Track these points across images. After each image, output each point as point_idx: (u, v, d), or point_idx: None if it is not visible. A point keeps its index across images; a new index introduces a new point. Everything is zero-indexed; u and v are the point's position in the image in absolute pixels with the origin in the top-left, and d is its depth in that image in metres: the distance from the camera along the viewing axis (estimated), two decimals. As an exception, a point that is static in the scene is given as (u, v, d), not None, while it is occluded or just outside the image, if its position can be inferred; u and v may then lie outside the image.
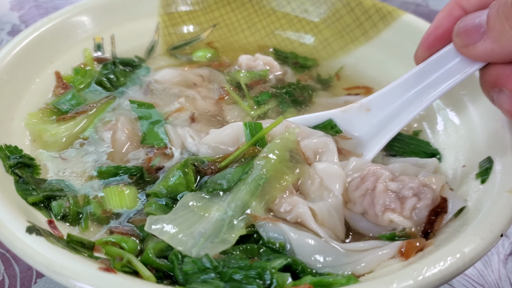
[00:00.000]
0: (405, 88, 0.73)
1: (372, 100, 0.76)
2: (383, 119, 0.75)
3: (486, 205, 0.62)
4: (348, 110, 0.78)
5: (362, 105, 0.77)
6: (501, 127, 0.73)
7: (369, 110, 0.76)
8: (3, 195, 0.60)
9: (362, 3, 1.04)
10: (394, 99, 0.74)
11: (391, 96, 0.74)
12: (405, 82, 0.73)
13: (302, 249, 0.61)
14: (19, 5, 1.42)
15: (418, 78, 0.71)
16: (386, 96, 0.75)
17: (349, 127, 0.78)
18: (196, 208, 0.63)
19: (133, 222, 0.68)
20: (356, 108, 0.77)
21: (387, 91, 0.75)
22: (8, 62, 0.80)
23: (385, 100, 0.75)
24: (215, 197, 0.65)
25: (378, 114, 0.75)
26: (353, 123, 0.77)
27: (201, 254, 0.57)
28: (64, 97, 0.86)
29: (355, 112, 0.77)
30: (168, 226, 0.61)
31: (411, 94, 0.72)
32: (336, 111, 0.78)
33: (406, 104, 0.73)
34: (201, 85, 0.94)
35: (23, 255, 0.52)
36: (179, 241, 0.59)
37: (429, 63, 0.69)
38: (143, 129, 0.83)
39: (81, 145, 0.80)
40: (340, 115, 0.78)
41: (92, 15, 0.98)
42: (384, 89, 0.75)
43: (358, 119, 0.77)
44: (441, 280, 0.51)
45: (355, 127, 0.78)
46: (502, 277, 0.80)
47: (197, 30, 1.11)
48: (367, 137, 0.77)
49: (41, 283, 0.74)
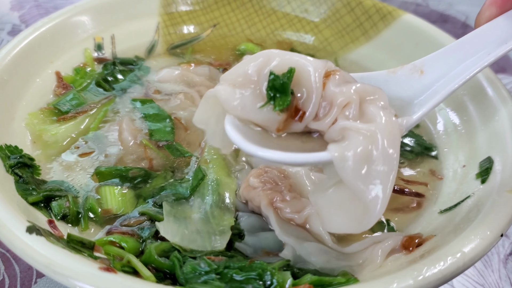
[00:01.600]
0: (468, 46, 0.66)
1: (427, 61, 0.67)
2: (437, 79, 0.66)
3: (486, 205, 0.62)
4: (397, 71, 0.68)
5: (415, 66, 0.68)
6: (501, 127, 0.73)
7: (423, 72, 0.67)
8: (3, 195, 0.60)
9: (362, 3, 1.04)
10: (452, 59, 0.66)
11: (450, 56, 0.66)
12: (467, 41, 0.66)
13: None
14: (19, 5, 1.41)
15: (483, 36, 0.65)
16: (445, 56, 0.67)
17: (396, 88, 0.67)
18: (177, 214, 0.67)
19: (132, 223, 0.68)
20: (408, 69, 0.68)
21: (446, 51, 0.67)
22: (8, 62, 0.80)
23: (444, 61, 0.66)
24: (183, 203, 0.70)
25: (432, 75, 0.66)
26: (401, 85, 0.67)
27: (215, 246, 0.61)
28: (65, 98, 0.87)
29: (405, 73, 0.68)
30: (171, 230, 0.64)
31: (474, 50, 0.65)
32: (382, 72, 0.69)
33: (468, 63, 0.65)
34: (201, 84, 0.94)
35: (23, 255, 0.52)
36: (189, 241, 0.63)
37: (496, 21, 0.65)
38: (149, 125, 0.83)
39: (78, 147, 0.80)
40: (386, 77, 0.68)
41: (92, 15, 0.98)
42: (441, 50, 0.67)
43: (408, 81, 0.67)
44: (441, 280, 0.51)
45: (403, 89, 0.67)
46: (502, 277, 0.80)
47: (197, 30, 1.11)
48: (413, 100, 0.66)
49: (41, 283, 0.74)
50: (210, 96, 0.59)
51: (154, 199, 0.71)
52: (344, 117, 0.54)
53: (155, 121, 0.84)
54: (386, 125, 0.53)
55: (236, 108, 0.56)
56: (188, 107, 0.88)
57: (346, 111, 0.55)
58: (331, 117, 0.55)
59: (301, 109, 0.56)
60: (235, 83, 0.57)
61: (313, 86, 0.55)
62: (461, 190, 0.72)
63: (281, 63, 0.55)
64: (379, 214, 0.52)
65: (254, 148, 0.54)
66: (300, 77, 0.55)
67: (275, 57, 0.56)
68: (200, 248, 0.63)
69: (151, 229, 0.66)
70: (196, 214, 0.68)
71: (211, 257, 0.58)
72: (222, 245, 0.63)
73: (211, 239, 0.64)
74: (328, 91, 0.55)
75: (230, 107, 0.56)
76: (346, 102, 0.55)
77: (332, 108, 0.55)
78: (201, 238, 0.64)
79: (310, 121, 0.56)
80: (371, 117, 0.54)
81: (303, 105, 0.56)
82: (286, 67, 0.54)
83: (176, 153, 0.79)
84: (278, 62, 0.55)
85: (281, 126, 0.56)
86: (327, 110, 0.55)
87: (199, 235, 0.64)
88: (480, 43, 0.65)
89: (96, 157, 0.78)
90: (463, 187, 0.72)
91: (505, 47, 0.63)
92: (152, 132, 0.82)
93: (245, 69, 0.57)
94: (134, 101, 0.89)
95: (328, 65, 0.57)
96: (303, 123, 0.56)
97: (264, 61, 0.56)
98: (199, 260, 0.56)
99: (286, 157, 0.54)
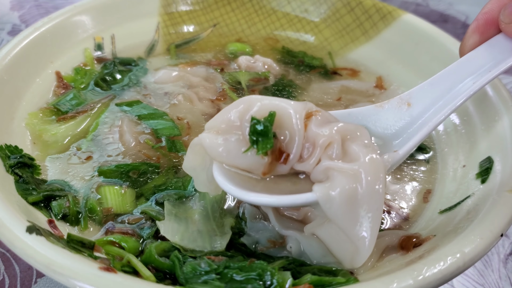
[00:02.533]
0: (453, 76, 0.66)
1: (414, 93, 0.67)
2: (425, 110, 0.66)
3: (486, 205, 0.62)
4: (384, 105, 0.68)
5: (401, 99, 0.68)
6: (501, 127, 0.73)
7: (410, 105, 0.67)
8: (3, 194, 0.60)
9: (362, 3, 1.04)
10: (438, 90, 0.66)
11: (436, 87, 0.66)
12: (452, 71, 0.67)
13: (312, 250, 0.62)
14: (19, 5, 1.41)
15: (467, 65, 0.66)
16: (431, 87, 0.67)
17: (385, 122, 0.67)
18: (178, 214, 0.67)
19: (131, 221, 0.68)
20: (395, 102, 0.68)
21: (432, 82, 0.67)
22: (8, 62, 0.80)
23: (431, 92, 0.66)
24: (185, 202, 0.70)
25: (420, 107, 0.66)
26: (389, 119, 0.67)
27: (215, 247, 0.61)
28: (65, 97, 0.87)
29: (393, 106, 0.68)
30: (172, 229, 0.64)
31: (459, 80, 0.66)
32: (370, 107, 0.69)
33: (454, 92, 0.65)
34: (199, 84, 0.94)
35: (23, 255, 0.52)
36: (189, 241, 0.63)
37: (479, 50, 0.66)
38: (150, 125, 0.83)
39: (78, 147, 0.80)
40: (374, 112, 0.68)
41: (93, 15, 0.98)
42: (427, 82, 0.68)
43: (396, 114, 0.67)
44: (441, 280, 0.51)
45: (391, 122, 0.67)
46: (502, 277, 0.80)
47: (197, 30, 1.11)
48: (401, 133, 0.66)
49: (41, 282, 0.74)
50: (195, 144, 0.61)
51: (156, 197, 0.71)
52: (328, 157, 0.56)
53: (153, 120, 0.84)
54: (370, 163, 0.55)
55: (221, 155, 0.58)
56: (188, 108, 0.88)
57: (329, 151, 0.56)
58: (314, 158, 0.56)
59: (285, 151, 0.57)
60: (218, 130, 0.59)
61: (295, 128, 0.56)
62: (461, 190, 0.72)
63: (262, 108, 0.57)
64: (368, 252, 0.55)
65: (242, 193, 0.56)
66: (282, 120, 0.57)
67: (256, 103, 0.58)
68: (200, 248, 0.63)
69: (151, 229, 0.66)
70: (197, 214, 0.68)
71: (211, 257, 0.58)
72: (222, 245, 0.63)
73: (211, 239, 0.64)
74: (310, 132, 0.57)
75: (215, 153, 0.58)
76: (328, 142, 0.56)
77: (315, 149, 0.56)
78: (202, 238, 0.64)
79: (295, 163, 0.57)
80: (354, 156, 0.56)
81: (286, 147, 0.57)
82: (267, 111, 0.56)
83: (181, 148, 0.79)
84: (259, 107, 0.57)
85: (266, 169, 0.57)
86: (310, 150, 0.57)
87: (200, 235, 0.65)
88: (465, 73, 0.66)
89: (97, 157, 0.78)
90: (463, 187, 0.72)
91: (490, 75, 0.64)
92: (157, 131, 0.82)
93: (228, 116, 0.58)
94: (119, 105, 0.88)
95: (308, 106, 0.59)
96: (288, 165, 0.57)
97: (245, 107, 0.58)
98: (200, 260, 0.56)
99: (274, 200, 0.56)
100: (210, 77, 0.97)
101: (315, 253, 0.61)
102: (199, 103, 0.89)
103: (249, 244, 0.65)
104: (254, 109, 0.57)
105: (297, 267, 0.59)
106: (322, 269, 0.59)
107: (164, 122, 0.84)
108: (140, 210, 0.70)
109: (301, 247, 0.63)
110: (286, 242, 0.64)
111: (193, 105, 0.89)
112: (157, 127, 0.83)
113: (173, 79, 0.95)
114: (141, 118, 0.85)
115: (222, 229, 0.66)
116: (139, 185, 0.73)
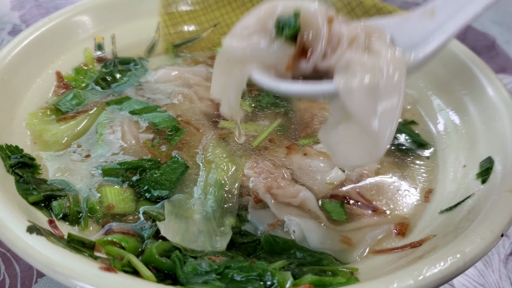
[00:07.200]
0: None
1: (439, 3, 0.66)
2: (448, 18, 0.65)
3: (486, 205, 0.62)
4: (409, 16, 0.68)
5: (426, 10, 0.67)
6: (501, 127, 0.73)
7: (434, 14, 0.66)
8: (4, 194, 0.60)
9: (362, 3, 1.04)
10: None
11: None
12: None
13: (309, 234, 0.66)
14: (19, 5, 1.42)
15: None
16: None
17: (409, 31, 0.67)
18: (178, 214, 0.68)
19: (131, 220, 0.68)
20: (419, 13, 0.67)
21: None
22: (9, 62, 0.80)
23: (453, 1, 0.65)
24: (185, 202, 0.71)
25: (444, 15, 0.66)
26: (413, 28, 0.67)
27: (216, 247, 0.62)
28: (65, 97, 0.87)
29: (417, 17, 0.68)
30: (172, 230, 0.65)
31: None
32: (394, 19, 0.69)
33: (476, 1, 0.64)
34: (199, 84, 0.94)
35: (23, 255, 0.52)
36: (189, 241, 0.63)
37: None
38: (146, 118, 0.84)
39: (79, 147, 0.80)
40: (398, 22, 0.68)
41: (93, 15, 0.98)
42: None
43: (420, 24, 0.67)
44: (442, 280, 0.51)
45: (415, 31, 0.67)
46: (503, 277, 0.80)
47: (198, 30, 1.11)
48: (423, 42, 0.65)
49: (42, 282, 0.74)
50: (221, 58, 0.63)
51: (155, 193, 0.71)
52: (351, 52, 0.57)
53: (147, 113, 0.84)
54: (391, 58, 0.55)
55: (247, 52, 0.59)
56: (188, 108, 0.88)
57: (353, 46, 0.57)
58: (340, 52, 0.57)
59: (309, 47, 0.58)
60: (243, 34, 0.60)
61: (320, 25, 0.57)
62: (461, 190, 0.72)
63: (286, 8, 0.59)
64: (387, 143, 0.54)
65: (275, 83, 0.58)
66: (306, 19, 0.58)
67: (278, 5, 0.59)
68: (200, 248, 0.63)
69: (151, 229, 0.66)
70: (197, 214, 0.68)
71: (212, 257, 0.58)
72: (222, 246, 0.63)
73: (212, 239, 0.64)
74: (334, 30, 0.58)
75: (240, 53, 0.59)
76: (353, 35, 0.57)
77: (340, 44, 0.57)
78: (202, 238, 0.64)
79: (319, 61, 0.58)
80: (377, 51, 0.56)
81: (311, 43, 0.58)
82: (291, 11, 0.57)
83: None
84: (283, 8, 0.59)
85: (290, 63, 0.58)
86: (335, 46, 0.58)
87: (200, 235, 0.65)
88: None
89: (97, 157, 0.78)
90: (464, 187, 0.72)
91: None
92: (155, 124, 0.82)
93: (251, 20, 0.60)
94: (109, 104, 0.88)
95: (330, 11, 0.61)
96: (311, 61, 0.58)
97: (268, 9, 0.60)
98: (200, 260, 0.56)
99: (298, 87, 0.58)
100: (210, 77, 0.97)
101: (313, 238, 0.65)
102: (199, 103, 0.89)
103: (251, 230, 0.68)
104: (279, 9, 0.59)
105: (298, 267, 0.60)
106: (322, 269, 0.59)
107: (160, 114, 0.84)
108: (141, 210, 0.70)
109: (302, 232, 0.66)
110: (286, 226, 0.68)
111: (193, 104, 0.89)
112: (154, 120, 0.83)
113: (173, 79, 0.95)
114: (134, 113, 0.85)
115: (222, 229, 0.66)
116: (139, 185, 0.73)
